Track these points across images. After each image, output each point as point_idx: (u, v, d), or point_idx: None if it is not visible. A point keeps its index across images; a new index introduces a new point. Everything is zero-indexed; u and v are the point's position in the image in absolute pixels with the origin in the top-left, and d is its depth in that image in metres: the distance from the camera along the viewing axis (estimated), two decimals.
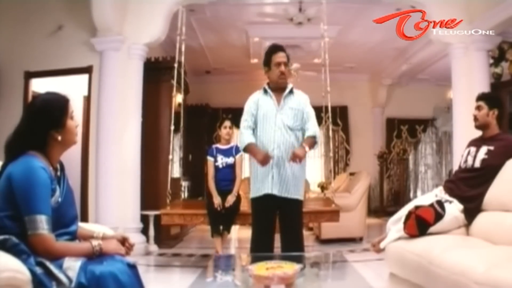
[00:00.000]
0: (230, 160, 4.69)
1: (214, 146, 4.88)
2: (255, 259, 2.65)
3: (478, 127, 3.03)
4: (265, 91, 3.31)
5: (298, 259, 2.43)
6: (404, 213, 2.87)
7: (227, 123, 4.82)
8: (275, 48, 3.28)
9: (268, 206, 3.18)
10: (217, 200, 4.48)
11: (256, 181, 3.21)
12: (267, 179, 3.14)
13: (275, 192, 3.13)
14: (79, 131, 1.99)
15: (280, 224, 3.25)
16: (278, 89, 3.28)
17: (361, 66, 9.70)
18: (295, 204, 3.23)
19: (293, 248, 3.13)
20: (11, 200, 1.66)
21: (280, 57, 3.23)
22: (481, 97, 3.02)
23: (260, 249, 3.10)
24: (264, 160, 3.07)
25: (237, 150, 4.78)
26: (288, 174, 3.17)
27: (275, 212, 3.21)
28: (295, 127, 3.24)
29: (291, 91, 3.31)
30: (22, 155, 1.73)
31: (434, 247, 2.42)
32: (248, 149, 3.19)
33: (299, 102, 3.29)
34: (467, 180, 2.91)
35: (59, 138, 1.80)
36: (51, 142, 1.80)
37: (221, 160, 4.69)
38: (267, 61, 3.27)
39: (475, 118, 3.00)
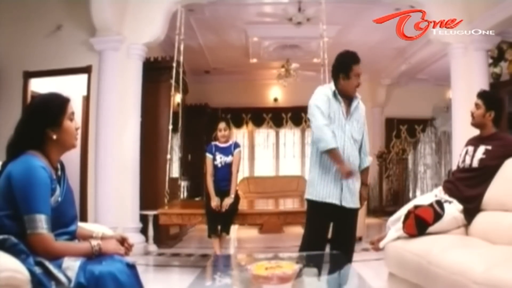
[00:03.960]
0: (229, 159, 4.66)
1: (213, 143, 4.83)
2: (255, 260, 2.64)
3: (473, 125, 3.03)
4: (335, 95, 3.07)
5: (297, 259, 2.43)
6: (403, 213, 2.87)
7: (222, 125, 4.68)
8: (357, 58, 3.08)
9: (328, 214, 3.07)
10: (214, 201, 4.46)
11: (321, 185, 3.04)
12: (335, 189, 3.02)
13: (344, 204, 3.03)
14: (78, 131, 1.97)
15: (338, 232, 3.15)
16: (346, 97, 3.11)
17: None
18: (357, 212, 3.18)
19: (347, 252, 3.07)
20: (10, 199, 1.66)
21: (360, 68, 3.08)
22: (482, 95, 3.01)
23: (314, 248, 2.95)
24: (349, 175, 2.96)
25: (236, 146, 4.74)
26: (355, 186, 3.10)
27: (332, 220, 3.13)
28: (359, 140, 3.16)
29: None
30: (22, 154, 1.73)
31: (433, 247, 2.43)
32: (332, 153, 2.95)
33: (362, 114, 3.20)
34: (465, 180, 2.91)
35: (54, 137, 1.79)
36: (47, 141, 1.80)
37: (220, 159, 4.66)
38: (347, 69, 3.05)
39: (472, 116, 3.01)
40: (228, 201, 4.46)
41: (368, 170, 3.30)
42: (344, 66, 3.07)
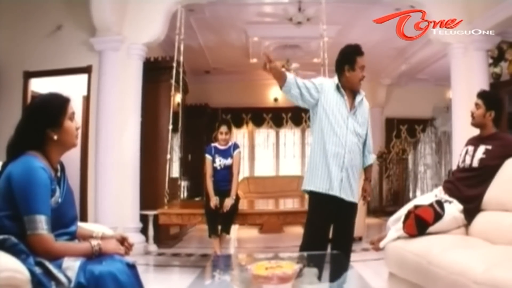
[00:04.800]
0: (228, 161, 4.67)
1: (212, 144, 4.84)
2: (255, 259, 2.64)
3: (474, 125, 3.03)
4: (338, 88, 3.06)
5: (297, 259, 2.43)
6: (403, 213, 2.87)
7: (223, 128, 4.68)
8: (360, 50, 3.07)
9: (332, 207, 3.03)
10: (213, 201, 4.48)
11: (323, 176, 3.00)
12: (335, 180, 2.99)
13: (343, 196, 3.01)
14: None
15: (337, 230, 3.12)
16: (350, 91, 3.10)
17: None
18: (356, 208, 3.17)
19: (346, 251, 3.06)
20: (10, 200, 1.66)
21: (364, 60, 3.08)
22: (481, 95, 3.01)
23: (315, 248, 2.90)
24: (269, 68, 2.84)
25: (235, 147, 4.75)
26: (355, 179, 3.08)
27: (333, 217, 3.09)
28: (362, 135, 3.13)
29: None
30: (22, 155, 1.73)
31: (433, 247, 2.43)
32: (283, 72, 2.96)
33: (365, 110, 3.19)
34: (465, 180, 2.91)
35: (55, 137, 1.79)
36: (48, 141, 1.80)
37: (219, 162, 4.67)
38: (351, 61, 3.04)
39: (472, 116, 3.00)
40: (229, 202, 4.47)
41: (372, 167, 3.30)
42: (349, 58, 3.07)
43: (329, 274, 2.48)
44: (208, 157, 4.72)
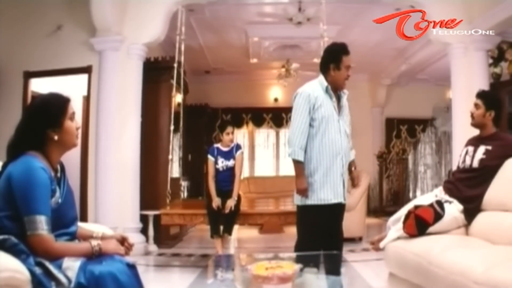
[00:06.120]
0: (230, 163, 4.68)
1: (215, 145, 4.85)
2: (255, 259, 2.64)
3: (474, 125, 3.03)
4: (326, 89, 3.03)
5: (297, 259, 2.43)
6: (403, 213, 2.87)
7: (230, 129, 4.70)
8: (347, 49, 3.04)
9: (335, 214, 3.04)
10: (215, 202, 4.48)
11: (324, 187, 2.98)
12: (339, 187, 3.00)
13: (343, 200, 3.04)
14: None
15: (330, 228, 3.09)
16: (335, 91, 3.08)
17: (360, 66, 9.61)
18: (345, 207, 3.19)
19: (339, 250, 3.07)
20: (10, 200, 1.66)
21: (350, 60, 3.05)
22: (481, 95, 3.01)
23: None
24: (304, 193, 2.97)
25: (238, 148, 4.75)
26: (348, 181, 3.12)
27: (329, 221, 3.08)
28: (349, 135, 3.12)
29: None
30: (22, 155, 1.73)
31: (434, 247, 2.43)
32: (297, 166, 2.99)
33: (348, 109, 3.17)
34: (465, 180, 2.91)
35: (56, 137, 1.79)
36: (48, 142, 1.79)
37: (222, 164, 4.68)
38: (337, 60, 3.01)
39: (472, 116, 3.00)
40: (230, 203, 4.47)
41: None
42: (335, 57, 3.05)
43: (329, 273, 2.48)
44: (211, 158, 4.73)
